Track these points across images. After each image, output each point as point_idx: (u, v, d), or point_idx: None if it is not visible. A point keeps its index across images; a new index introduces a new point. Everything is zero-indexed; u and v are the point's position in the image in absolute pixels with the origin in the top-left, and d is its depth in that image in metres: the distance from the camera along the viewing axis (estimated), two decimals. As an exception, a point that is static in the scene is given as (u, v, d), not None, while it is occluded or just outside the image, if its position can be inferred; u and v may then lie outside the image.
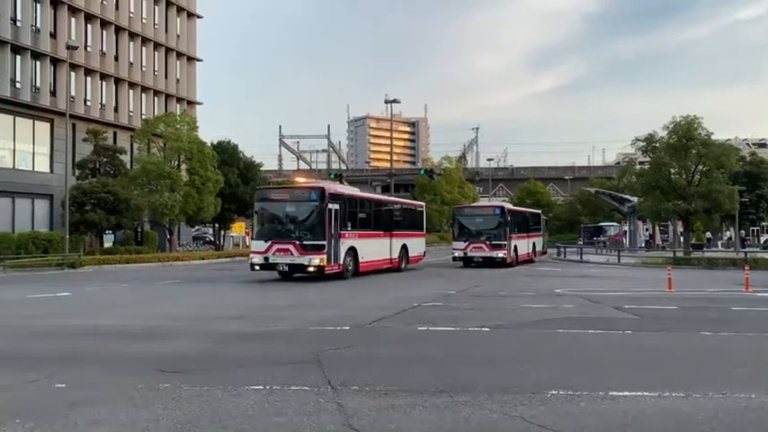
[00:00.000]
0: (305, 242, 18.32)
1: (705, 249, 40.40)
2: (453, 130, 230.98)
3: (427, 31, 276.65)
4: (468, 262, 27.63)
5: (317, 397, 5.58)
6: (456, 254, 27.95)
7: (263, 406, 5.32)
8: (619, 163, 79.46)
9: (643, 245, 46.66)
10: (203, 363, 7.22)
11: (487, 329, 9.62)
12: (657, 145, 31.35)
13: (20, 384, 6.14)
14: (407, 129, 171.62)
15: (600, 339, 8.96)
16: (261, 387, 5.90)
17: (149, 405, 5.36)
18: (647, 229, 53.68)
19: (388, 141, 59.90)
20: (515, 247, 28.85)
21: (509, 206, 32.08)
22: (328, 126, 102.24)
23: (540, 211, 38.74)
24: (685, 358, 7.70)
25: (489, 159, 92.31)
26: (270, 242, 18.67)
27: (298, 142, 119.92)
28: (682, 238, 35.63)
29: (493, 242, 27.14)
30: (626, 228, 50.67)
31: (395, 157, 67.56)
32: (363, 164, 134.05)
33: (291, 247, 18.39)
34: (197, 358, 7.48)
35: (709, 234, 55.51)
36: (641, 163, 37.70)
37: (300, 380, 6.19)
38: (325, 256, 18.31)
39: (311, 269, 18.22)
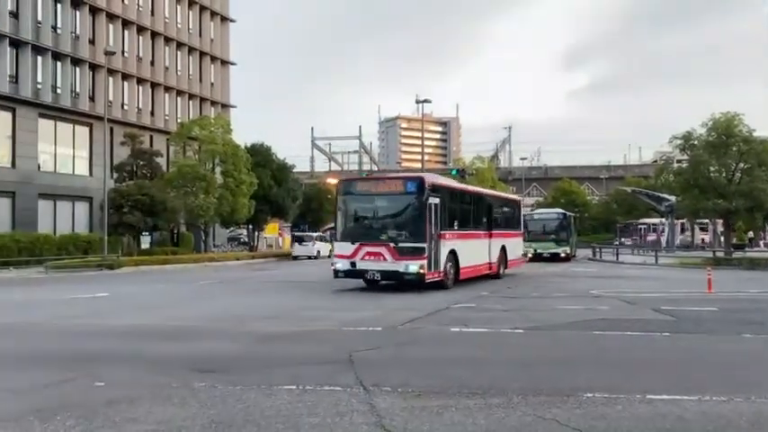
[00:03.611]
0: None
1: (747, 249, 39.27)
2: (485, 130, 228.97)
3: (459, 29, 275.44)
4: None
5: (350, 397, 5.59)
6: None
7: (296, 405, 5.35)
8: (656, 161, 77.85)
9: (677, 244, 45.57)
10: (237, 362, 7.31)
11: (521, 331, 9.52)
12: (696, 143, 30.63)
13: (60, 382, 6.29)
14: (439, 128, 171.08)
15: (636, 341, 8.79)
16: (294, 387, 5.94)
17: (185, 404, 5.44)
18: (683, 230, 52.37)
19: (419, 141, 59.76)
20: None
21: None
22: (359, 127, 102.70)
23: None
24: (726, 361, 7.49)
25: (522, 158, 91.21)
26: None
27: (329, 143, 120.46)
28: (722, 238, 34.71)
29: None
30: (665, 227, 49.49)
31: (426, 158, 67.32)
32: (395, 164, 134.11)
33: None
34: (231, 358, 7.57)
35: (751, 234, 53.96)
36: (679, 161, 36.90)
37: (333, 380, 6.21)
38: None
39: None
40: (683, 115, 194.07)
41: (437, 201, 15.94)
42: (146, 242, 34.61)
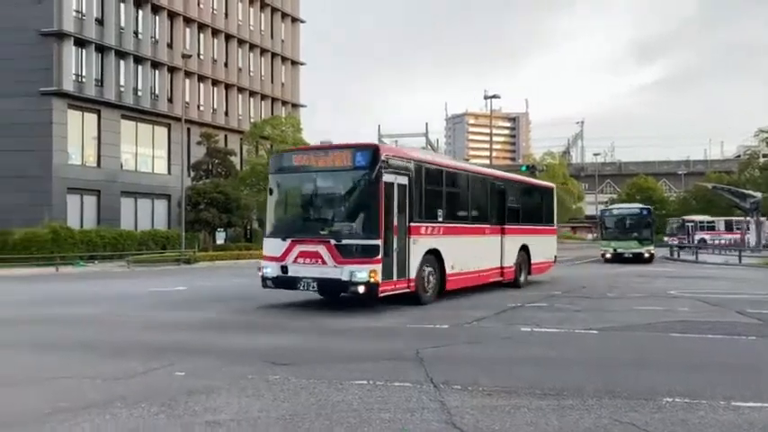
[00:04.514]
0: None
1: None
2: (556, 125, 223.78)
3: (527, 23, 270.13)
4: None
5: (420, 394, 5.61)
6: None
7: (367, 401, 5.41)
8: (739, 156, 73.88)
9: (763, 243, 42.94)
10: (309, 356, 7.45)
11: (595, 332, 9.26)
12: (785, 136, 28.89)
13: (145, 372, 6.61)
14: (507, 124, 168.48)
15: (719, 345, 8.38)
16: (364, 382, 6.01)
17: (260, 395, 5.60)
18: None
19: (488, 138, 59.08)
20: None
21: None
22: (426, 124, 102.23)
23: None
24: (820, 368, 7.03)
25: (595, 154, 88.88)
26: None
27: (396, 141, 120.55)
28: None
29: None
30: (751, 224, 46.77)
31: (494, 154, 66.52)
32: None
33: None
34: (304, 351, 7.74)
35: None
36: (765, 156, 34.89)
37: (402, 376, 6.24)
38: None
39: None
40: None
41: (403, 181, 11.61)
42: (220, 238, 35.86)
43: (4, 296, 15.83)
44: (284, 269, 11.45)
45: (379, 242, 10.76)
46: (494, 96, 47.04)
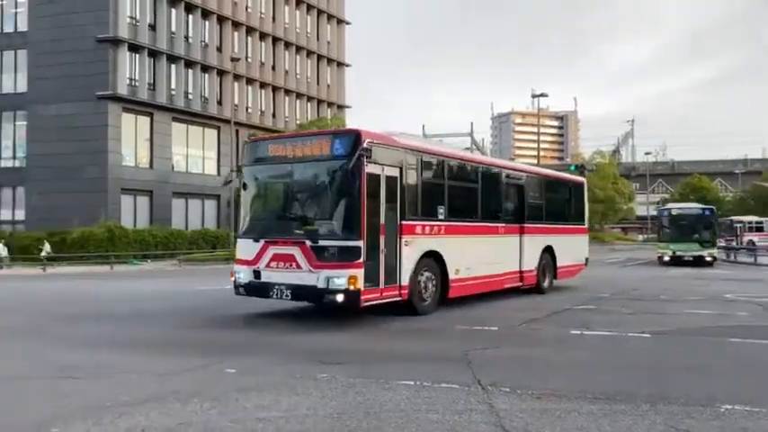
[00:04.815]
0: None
1: None
2: (605, 124, 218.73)
3: (575, 19, 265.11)
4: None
5: (468, 396, 5.56)
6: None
7: (414, 401, 5.40)
8: (801, 154, 70.74)
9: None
10: (356, 355, 7.50)
11: (648, 335, 9.00)
12: None
13: (196, 368, 6.76)
14: (555, 123, 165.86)
15: (782, 351, 8.03)
16: (411, 382, 6.00)
17: (308, 394, 5.66)
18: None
19: (534, 137, 58.25)
20: None
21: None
22: (471, 124, 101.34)
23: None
24: None
25: (647, 153, 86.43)
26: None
27: (441, 140, 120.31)
28: None
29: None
30: None
31: (542, 153, 65.52)
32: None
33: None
34: (351, 351, 7.79)
35: None
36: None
37: (450, 378, 6.20)
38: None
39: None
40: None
41: (394, 173, 10.13)
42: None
43: (66, 293, 16.46)
44: (257, 274, 10.00)
45: (360, 243, 9.24)
46: (541, 95, 46.37)
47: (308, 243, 9.48)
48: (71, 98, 33.34)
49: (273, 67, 44.62)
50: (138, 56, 35.31)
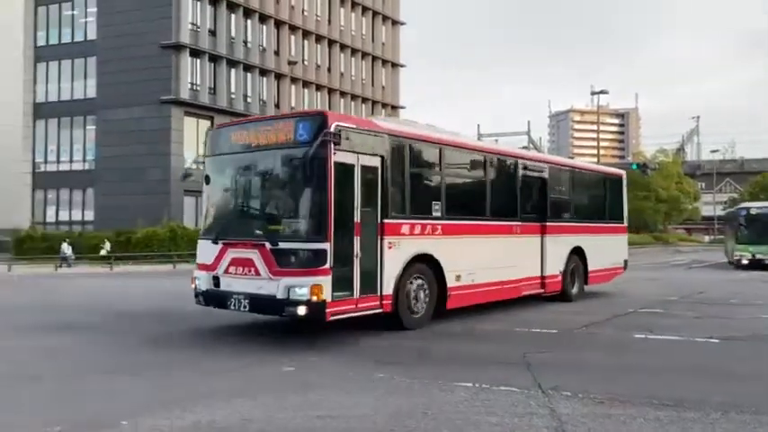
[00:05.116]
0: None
1: None
2: (668, 122, 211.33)
3: (636, 14, 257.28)
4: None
5: (528, 399, 5.47)
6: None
7: (473, 403, 5.35)
8: None
9: None
10: (412, 356, 7.49)
11: (717, 341, 8.64)
12: None
13: (255, 365, 6.91)
14: (615, 121, 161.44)
15: None
16: (470, 384, 5.95)
17: (366, 393, 5.69)
18: None
19: (594, 135, 56.88)
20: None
21: None
22: (528, 122, 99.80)
23: None
24: None
25: (713, 151, 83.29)
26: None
27: (496, 140, 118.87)
28: None
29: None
30: None
31: (601, 152, 63.90)
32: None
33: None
34: (407, 351, 7.79)
35: None
36: None
37: (509, 381, 6.11)
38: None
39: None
40: None
41: (372, 162, 8.61)
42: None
43: (130, 291, 17.11)
44: (216, 281, 8.62)
45: (326, 246, 7.75)
46: (601, 92, 45.22)
47: (268, 245, 8.02)
48: (137, 103, 34.67)
49: (329, 70, 45.16)
50: (199, 61, 36.37)
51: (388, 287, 8.65)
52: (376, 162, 8.66)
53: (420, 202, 9.57)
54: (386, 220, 8.69)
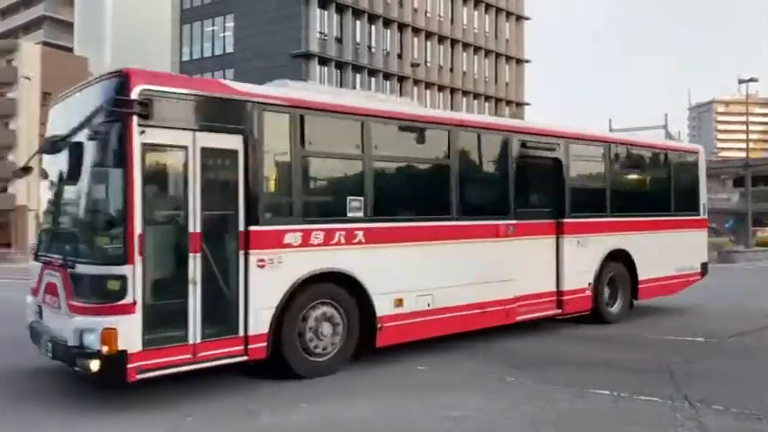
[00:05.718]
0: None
1: None
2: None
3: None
4: None
5: (673, 411, 5.14)
6: None
7: (611, 413, 5.12)
8: None
9: None
10: (546, 360, 7.27)
11: None
12: None
13: (390, 364, 7.02)
14: (766, 111, 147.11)
15: None
16: (607, 392, 5.69)
17: (498, 396, 5.62)
18: None
19: (741, 127, 52.13)
20: None
21: None
22: (665, 115, 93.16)
23: None
24: None
25: None
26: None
27: (634, 134, 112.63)
28: None
29: None
30: None
31: (751, 145, 58.42)
32: (709, 154, 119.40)
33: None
34: (539, 354, 7.58)
35: None
36: None
37: (650, 390, 5.77)
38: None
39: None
40: None
41: (225, 143, 6.04)
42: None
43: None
44: (39, 311, 6.42)
45: (126, 270, 5.29)
46: (750, 80, 41.26)
47: (69, 268, 5.70)
48: (270, 111, 36.68)
49: (451, 69, 45.09)
50: (326, 68, 37.79)
51: (260, 325, 6.00)
52: (233, 143, 6.03)
53: (324, 198, 7.08)
54: (254, 227, 6.05)
